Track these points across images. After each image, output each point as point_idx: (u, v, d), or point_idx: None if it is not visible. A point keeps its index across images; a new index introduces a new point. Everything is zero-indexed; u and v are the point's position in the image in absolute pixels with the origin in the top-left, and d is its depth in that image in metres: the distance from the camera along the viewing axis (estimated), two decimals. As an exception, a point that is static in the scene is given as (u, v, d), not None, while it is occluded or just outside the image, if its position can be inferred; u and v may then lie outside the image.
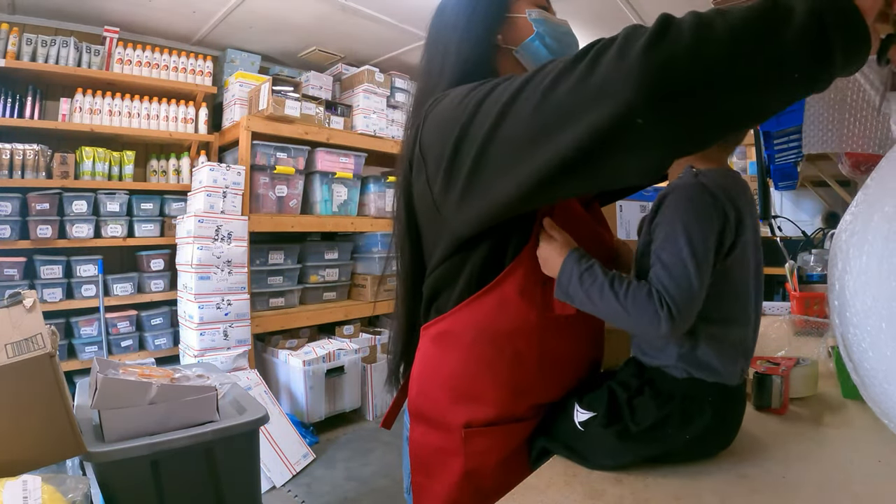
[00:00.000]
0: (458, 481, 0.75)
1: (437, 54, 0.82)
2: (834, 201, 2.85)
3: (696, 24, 0.50)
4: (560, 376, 0.77)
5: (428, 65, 0.83)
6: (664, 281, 0.63)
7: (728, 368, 0.68)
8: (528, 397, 0.75)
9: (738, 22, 0.49)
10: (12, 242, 2.55)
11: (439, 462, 0.78)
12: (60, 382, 1.07)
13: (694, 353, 0.67)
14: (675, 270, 0.62)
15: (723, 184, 0.68)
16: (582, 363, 0.81)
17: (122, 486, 1.27)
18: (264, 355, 3.20)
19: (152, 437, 1.29)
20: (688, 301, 0.62)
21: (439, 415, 0.77)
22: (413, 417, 0.82)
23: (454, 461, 0.75)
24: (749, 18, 0.49)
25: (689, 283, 0.62)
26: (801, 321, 1.43)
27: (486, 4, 0.80)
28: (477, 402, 0.74)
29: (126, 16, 2.90)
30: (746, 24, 0.49)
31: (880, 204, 0.61)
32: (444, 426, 0.76)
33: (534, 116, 0.59)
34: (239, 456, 1.46)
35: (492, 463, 0.74)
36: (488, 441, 0.74)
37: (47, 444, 1.07)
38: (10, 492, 0.92)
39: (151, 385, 1.31)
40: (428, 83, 0.82)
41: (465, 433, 0.74)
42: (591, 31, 3.15)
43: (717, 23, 0.50)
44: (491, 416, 0.74)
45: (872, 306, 0.59)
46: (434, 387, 0.78)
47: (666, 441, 0.67)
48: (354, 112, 3.45)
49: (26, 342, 1.04)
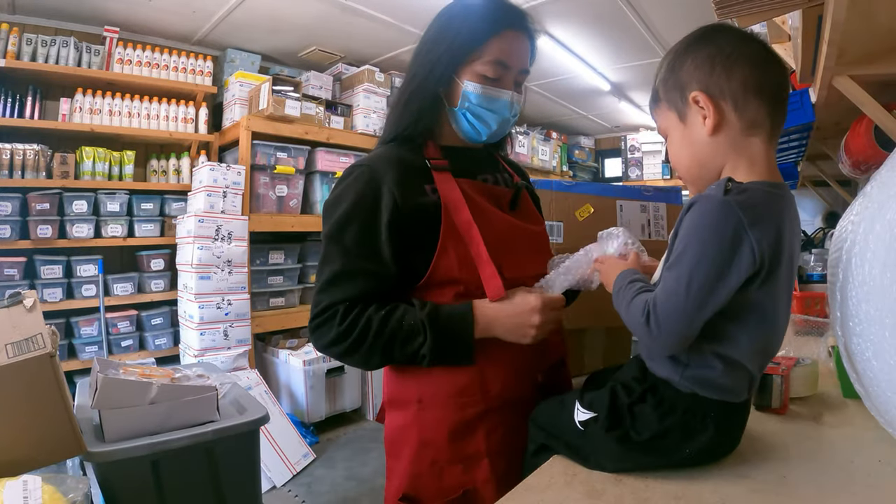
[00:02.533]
0: (415, 453, 0.85)
1: (405, 82, 0.94)
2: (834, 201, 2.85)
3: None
4: (503, 367, 0.86)
5: (401, 89, 0.95)
6: (658, 298, 0.62)
7: (738, 386, 0.65)
8: (473, 381, 0.84)
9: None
10: (12, 242, 2.55)
11: (401, 439, 0.88)
12: (60, 382, 1.07)
13: (703, 374, 0.64)
14: (670, 292, 0.61)
15: (760, 204, 0.60)
16: (527, 352, 0.87)
17: (122, 486, 1.27)
18: (264, 355, 3.20)
19: (152, 437, 1.29)
20: (671, 323, 0.60)
21: (399, 394, 0.89)
22: (387, 407, 0.93)
23: (411, 434, 0.86)
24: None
25: (678, 309, 0.60)
26: (802, 321, 1.43)
27: (444, 63, 0.88)
28: (427, 381, 0.85)
29: (126, 16, 2.90)
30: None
31: (882, 212, 0.60)
32: (403, 404, 0.88)
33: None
34: (239, 456, 1.46)
35: (444, 434, 0.84)
36: (439, 413, 0.84)
37: (47, 444, 1.07)
38: (10, 492, 0.92)
39: (152, 385, 1.31)
40: (396, 102, 0.96)
41: (418, 406, 0.86)
42: (591, 31, 3.15)
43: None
44: (440, 393, 0.84)
45: (876, 315, 0.58)
46: (395, 374, 0.90)
47: (666, 453, 0.66)
48: (354, 112, 3.45)
49: (26, 342, 1.04)
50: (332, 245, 0.84)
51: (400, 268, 0.84)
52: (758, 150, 0.66)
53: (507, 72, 0.88)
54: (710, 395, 0.64)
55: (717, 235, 0.59)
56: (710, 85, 0.66)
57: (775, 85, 0.66)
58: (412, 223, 0.83)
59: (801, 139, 1.86)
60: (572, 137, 5.73)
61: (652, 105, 0.76)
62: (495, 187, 0.95)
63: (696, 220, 0.61)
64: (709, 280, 0.59)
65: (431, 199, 0.85)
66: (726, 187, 0.61)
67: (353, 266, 0.82)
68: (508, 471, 0.83)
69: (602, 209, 1.35)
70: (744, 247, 0.58)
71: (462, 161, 0.92)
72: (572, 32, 3.18)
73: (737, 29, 0.69)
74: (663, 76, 0.72)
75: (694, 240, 0.60)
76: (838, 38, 0.90)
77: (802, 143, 1.92)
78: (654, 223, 1.41)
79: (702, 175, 0.70)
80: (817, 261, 1.79)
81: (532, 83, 4.11)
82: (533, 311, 0.81)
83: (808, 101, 1.42)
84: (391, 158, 0.88)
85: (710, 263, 0.59)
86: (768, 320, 0.64)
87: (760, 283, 0.61)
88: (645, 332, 0.62)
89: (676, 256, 0.61)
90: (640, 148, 5.29)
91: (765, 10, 0.92)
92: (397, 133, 0.92)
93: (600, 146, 6.00)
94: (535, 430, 0.80)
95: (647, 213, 1.40)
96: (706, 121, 0.66)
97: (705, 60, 0.67)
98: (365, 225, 0.83)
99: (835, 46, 0.93)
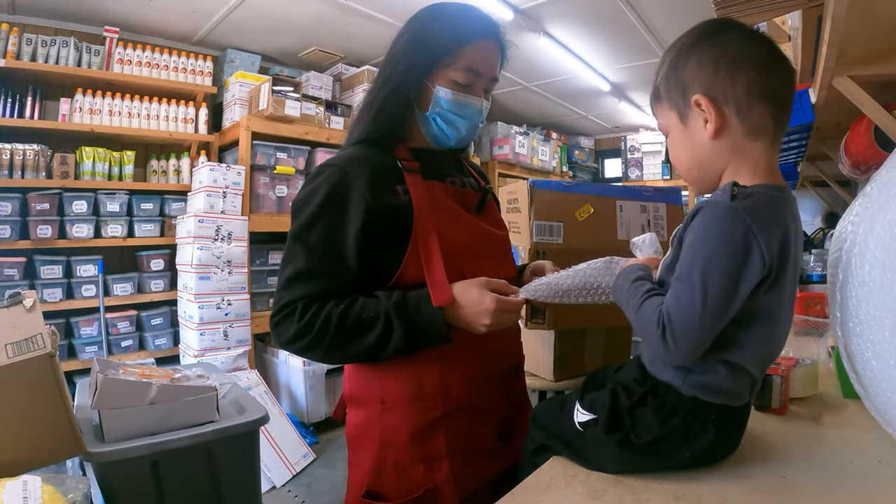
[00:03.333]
0: (377, 451, 0.87)
1: (377, 84, 0.93)
2: (834, 201, 2.85)
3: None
4: (463, 371, 0.88)
5: (372, 89, 0.95)
6: (672, 309, 0.60)
7: (740, 390, 0.65)
8: (434, 385, 0.86)
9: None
10: (12, 242, 2.55)
11: (362, 436, 0.90)
12: (60, 382, 1.07)
13: (706, 379, 0.63)
14: (684, 303, 0.59)
15: (766, 208, 0.59)
16: (487, 357, 0.90)
17: (122, 486, 1.27)
18: (264, 355, 3.19)
19: (152, 437, 1.29)
20: (688, 337, 0.59)
21: (362, 392, 0.91)
22: (347, 402, 0.95)
23: (373, 433, 0.88)
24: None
25: (695, 322, 0.58)
26: (801, 321, 1.43)
27: (419, 68, 0.88)
28: (390, 382, 0.87)
29: (126, 16, 2.90)
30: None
31: (882, 212, 0.60)
32: (366, 402, 0.90)
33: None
34: (239, 456, 1.46)
35: (406, 436, 0.86)
36: (400, 417, 0.86)
37: (47, 444, 1.07)
38: (10, 492, 0.92)
39: (151, 385, 1.31)
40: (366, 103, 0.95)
41: (381, 407, 0.87)
42: (591, 32, 3.15)
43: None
44: (402, 395, 0.86)
45: (876, 316, 0.58)
46: (357, 372, 0.92)
47: (667, 456, 0.66)
48: (354, 112, 3.44)
49: (26, 342, 1.04)
50: (296, 244, 0.85)
51: (370, 267, 0.85)
52: (760, 153, 0.65)
53: (479, 79, 0.90)
54: (711, 399, 0.64)
55: (727, 243, 0.58)
56: (713, 88, 0.64)
57: (781, 87, 0.65)
58: (384, 224, 0.85)
59: (801, 139, 1.86)
60: (572, 138, 5.73)
61: (653, 102, 0.74)
62: (463, 190, 0.98)
63: (704, 228, 0.60)
64: (723, 290, 0.57)
65: (403, 199, 0.87)
66: (732, 193, 0.60)
67: (315, 266, 0.83)
68: (468, 470, 0.87)
69: (602, 209, 1.35)
70: (754, 253, 0.57)
71: (431, 163, 0.94)
72: (572, 33, 3.18)
73: (743, 27, 0.66)
74: (665, 74, 0.70)
75: (703, 248, 0.59)
76: (838, 39, 0.90)
77: (802, 143, 1.92)
78: (654, 223, 1.41)
79: (702, 177, 0.69)
80: (817, 261, 1.79)
81: (532, 83, 4.11)
82: (486, 313, 0.81)
83: (807, 102, 1.42)
84: (362, 159, 0.89)
85: (722, 272, 0.57)
86: (774, 324, 0.63)
87: (768, 288, 0.60)
88: (660, 345, 0.60)
89: (687, 265, 0.60)
90: (639, 148, 5.29)
91: (765, 10, 0.92)
92: (367, 135, 0.93)
93: (600, 146, 6.00)
94: (535, 430, 0.79)
95: (647, 214, 1.40)
96: (707, 125, 0.65)
97: (709, 61, 0.65)
98: (331, 226, 0.84)
99: (835, 47, 0.93)
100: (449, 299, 0.82)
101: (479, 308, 0.81)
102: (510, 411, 0.96)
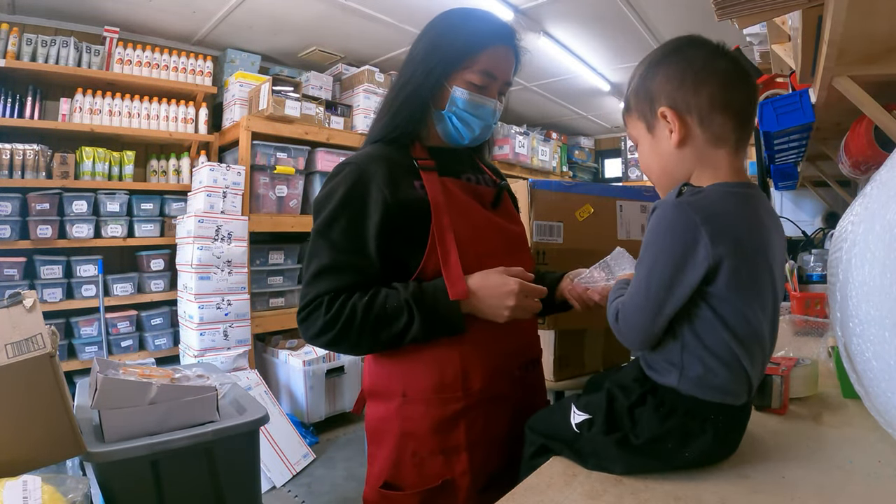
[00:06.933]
0: (397, 443, 0.89)
1: (398, 85, 0.96)
2: (834, 201, 2.85)
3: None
4: (484, 363, 0.89)
5: (392, 89, 0.98)
6: (624, 299, 0.69)
7: (737, 388, 0.65)
8: (455, 377, 0.87)
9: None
10: (12, 242, 2.55)
11: (382, 429, 0.92)
12: (60, 382, 1.07)
13: (696, 377, 0.64)
14: (632, 292, 0.67)
15: (715, 202, 0.63)
16: (506, 349, 0.92)
17: (122, 486, 1.27)
18: (264, 355, 3.20)
19: (152, 437, 1.29)
20: (634, 320, 0.66)
21: (383, 386, 0.92)
22: (367, 396, 0.96)
23: (393, 424, 0.89)
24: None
25: (640, 307, 0.65)
26: (801, 321, 1.43)
27: (439, 70, 0.91)
28: (412, 375, 0.88)
29: (126, 16, 2.90)
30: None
31: (882, 212, 0.59)
32: (387, 395, 0.91)
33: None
34: (239, 456, 1.46)
35: (426, 428, 0.87)
36: (422, 408, 0.88)
37: (47, 444, 1.07)
38: (10, 492, 0.92)
39: (151, 385, 1.31)
40: (386, 103, 0.98)
41: (402, 401, 0.89)
42: (591, 32, 3.16)
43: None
44: (424, 387, 0.87)
45: (876, 315, 0.58)
46: (379, 366, 0.93)
47: (665, 457, 0.66)
48: (354, 112, 3.45)
49: (26, 342, 1.04)
50: (320, 240, 0.88)
51: (391, 262, 0.87)
52: (723, 159, 0.69)
53: (494, 82, 0.94)
54: (710, 398, 0.65)
55: (671, 235, 0.63)
56: (678, 100, 0.68)
57: (742, 100, 0.69)
58: (403, 219, 0.87)
59: (800, 139, 1.86)
60: (572, 138, 5.73)
61: (624, 113, 0.79)
62: (478, 186, 1.00)
63: (653, 224, 0.65)
64: (665, 278, 0.62)
65: (420, 194, 0.89)
66: (680, 191, 0.66)
67: (339, 260, 0.86)
68: (485, 462, 0.89)
69: (602, 209, 1.35)
70: (699, 245, 0.61)
71: (446, 160, 0.97)
72: (572, 33, 3.18)
73: (710, 43, 0.70)
74: (635, 86, 0.74)
75: (651, 242, 0.65)
76: (838, 39, 0.90)
77: (802, 143, 1.92)
78: (654, 223, 1.41)
79: (670, 183, 0.72)
80: (817, 261, 1.79)
81: (532, 83, 4.11)
82: (510, 294, 0.84)
83: (807, 102, 1.42)
84: (380, 157, 0.91)
85: (665, 262, 0.63)
86: (748, 316, 0.64)
87: (728, 278, 0.61)
88: (615, 330, 0.70)
89: (639, 259, 0.66)
90: (639, 148, 5.29)
91: (765, 10, 0.92)
92: (385, 134, 0.96)
93: (600, 146, 6.01)
94: (533, 435, 0.80)
95: (647, 213, 1.40)
96: (672, 134, 0.69)
97: (675, 75, 0.69)
98: (352, 221, 0.86)
99: (835, 47, 0.93)
100: (464, 293, 0.84)
101: (504, 290, 0.84)
102: (528, 403, 0.96)
